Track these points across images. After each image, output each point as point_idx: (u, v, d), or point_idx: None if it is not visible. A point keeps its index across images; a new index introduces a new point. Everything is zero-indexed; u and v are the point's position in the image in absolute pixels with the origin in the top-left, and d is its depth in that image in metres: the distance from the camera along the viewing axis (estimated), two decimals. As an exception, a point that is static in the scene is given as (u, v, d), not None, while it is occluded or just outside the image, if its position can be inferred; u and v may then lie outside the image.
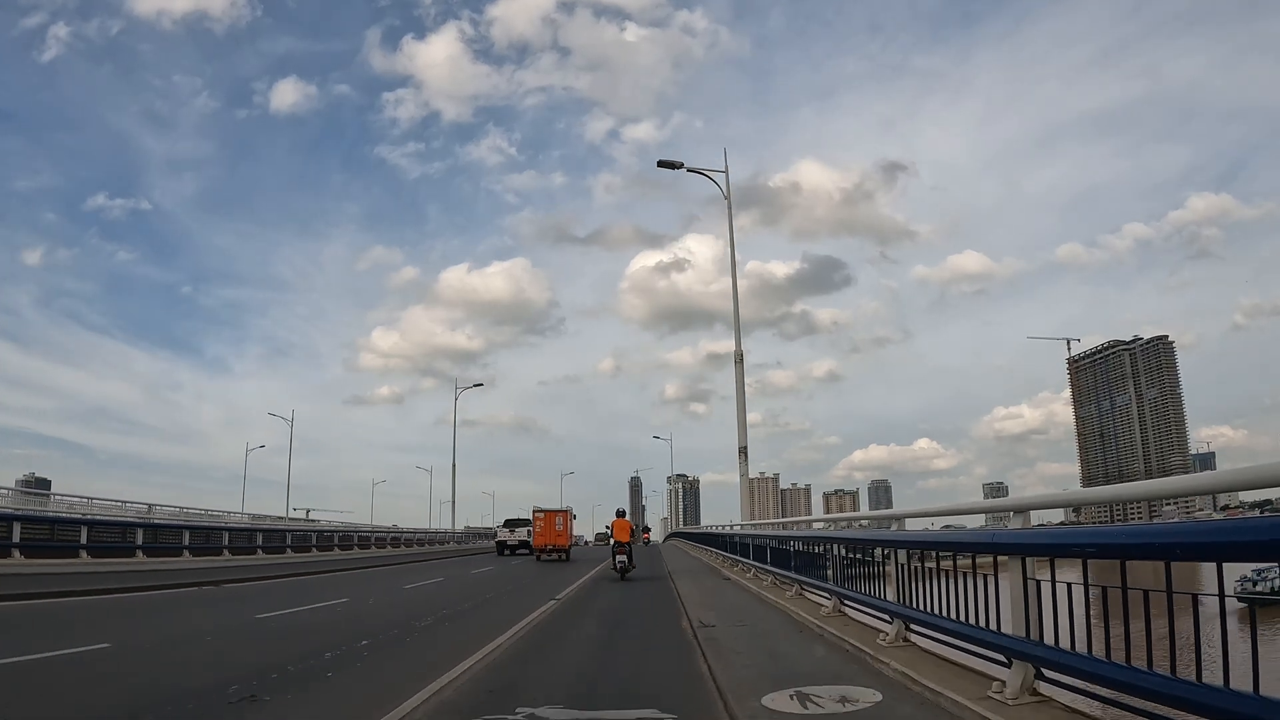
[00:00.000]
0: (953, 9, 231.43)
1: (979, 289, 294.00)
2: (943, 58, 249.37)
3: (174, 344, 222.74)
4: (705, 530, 36.07)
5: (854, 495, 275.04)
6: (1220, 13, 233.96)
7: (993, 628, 4.67)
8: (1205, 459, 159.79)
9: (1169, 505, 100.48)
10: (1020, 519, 4.47)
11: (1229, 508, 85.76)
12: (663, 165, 21.64)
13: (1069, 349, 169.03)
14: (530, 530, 32.08)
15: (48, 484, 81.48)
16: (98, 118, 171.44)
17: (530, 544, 31.78)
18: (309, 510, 54.11)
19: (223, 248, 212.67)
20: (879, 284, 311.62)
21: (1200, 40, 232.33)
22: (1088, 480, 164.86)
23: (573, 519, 32.77)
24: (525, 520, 33.97)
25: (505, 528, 36.56)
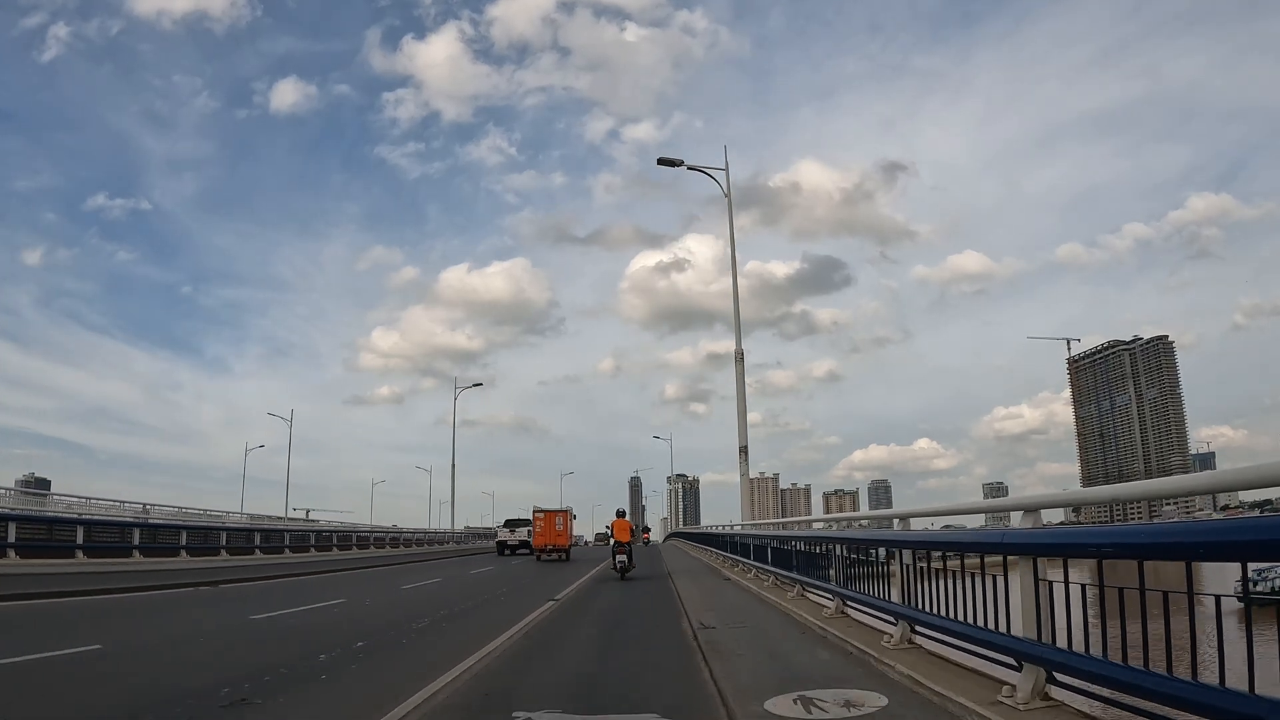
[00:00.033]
0: (953, 9, 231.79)
1: (979, 289, 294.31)
2: (943, 58, 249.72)
3: (174, 344, 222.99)
4: (705, 530, 35.97)
5: (854, 495, 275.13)
6: (1220, 13, 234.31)
7: (1002, 630, 4.55)
8: (1205, 459, 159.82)
9: (1169, 505, 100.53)
10: (1030, 518, 4.34)
11: (1229, 508, 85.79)
12: (663, 163, 21.57)
13: (1069, 349, 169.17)
14: (530, 530, 32.13)
15: (47, 484, 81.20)
16: (98, 118, 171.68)
17: (530, 544, 31.82)
18: (309, 510, 54.10)
19: (223, 248, 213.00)
20: (879, 284, 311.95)
21: (1200, 40, 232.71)
22: (1088, 480, 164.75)
23: (573, 519, 32.85)
24: (526, 520, 34.05)
25: (506, 528, 36.66)
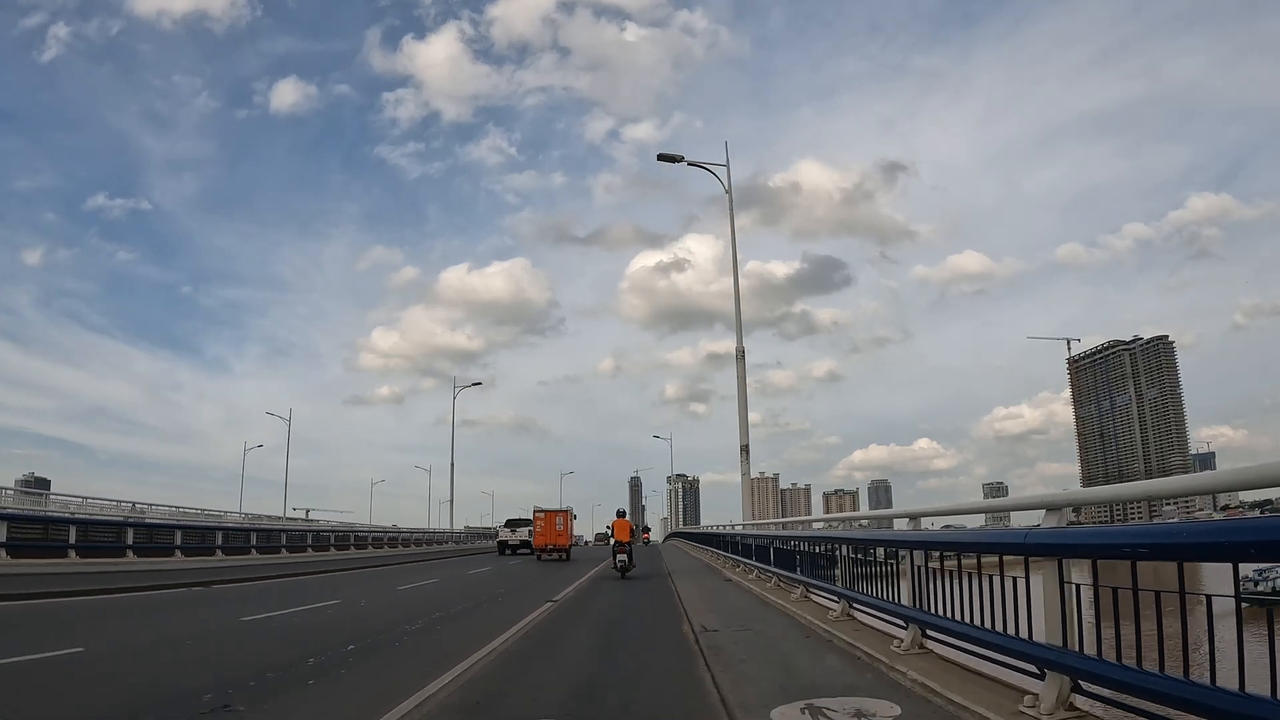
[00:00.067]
0: (953, 9, 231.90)
1: (979, 289, 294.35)
2: (943, 58, 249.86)
3: (174, 344, 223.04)
4: (705, 530, 35.77)
5: (854, 495, 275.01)
6: (1220, 13, 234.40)
7: (1023, 635, 4.30)
8: (1205, 459, 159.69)
9: (1169, 505, 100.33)
10: (1055, 517, 4.09)
11: (1229, 508, 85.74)
12: (663, 159, 21.37)
13: (1069, 349, 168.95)
14: (531, 530, 32.18)
15: (47, 484, 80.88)
16: (98, 118, 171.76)
17: (531, 544, 31.85)
18: (309, 510, 53.96)
19: (223, 248, 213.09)
20: (879, 284, 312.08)
21: (1200, 40, 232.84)
22: (1088, 480, 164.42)
23: (573, 519, 32.93)
24: (526, 520, 34.17)
25: (507, 527, 36.84)
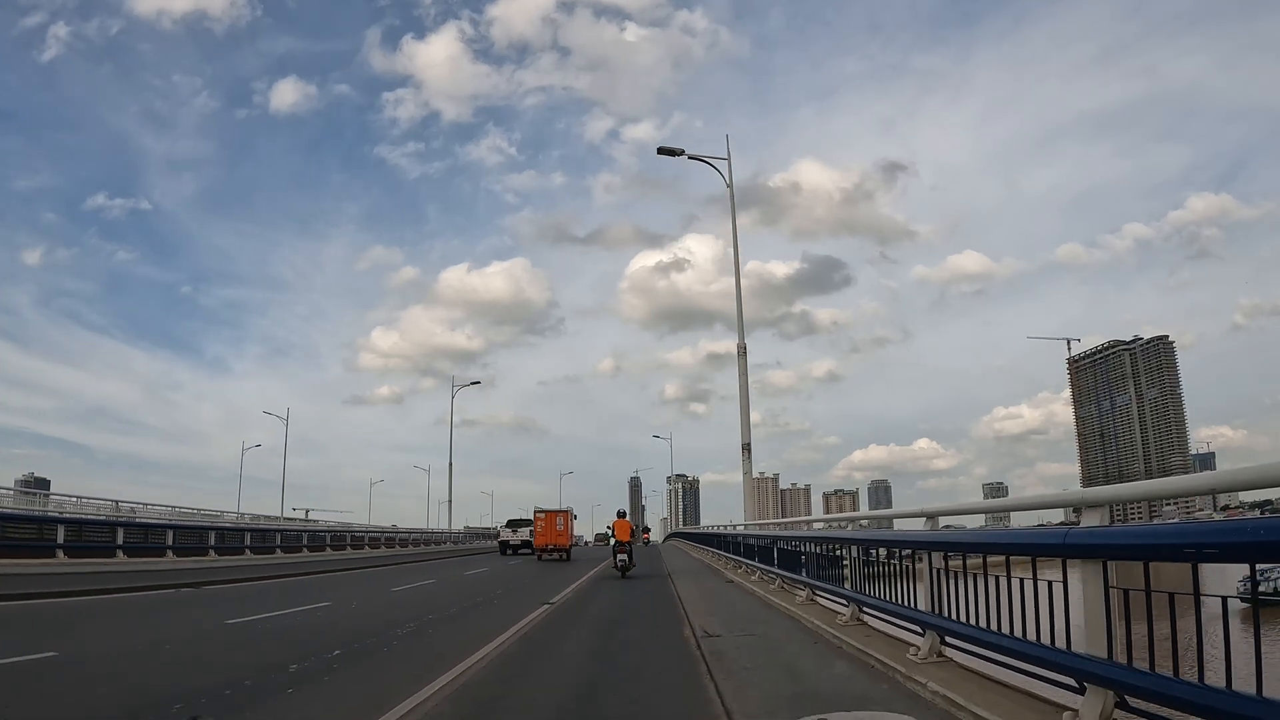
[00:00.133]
0: (953, 9, 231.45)
1: (979, 289, 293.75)
2: (942, 57, 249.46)
3: (174, 344, 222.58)
4: (706, 530, 35.50)
5: (854, 495, 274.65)
6: (1220, 13, 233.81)
7: (1057, 645, 3.93)
8: (1205, 459, 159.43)
9: (1169, 505, 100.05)
10: (1096, 514, 3.73)
11: (1229, 508, 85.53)
12: (663, 152, 21.02)
13: (1069, 349, 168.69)
14: (532, 530, 32.32)
15: (47, 484, 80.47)
16: (97, 118, 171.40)
17: (532, 544, 31.96)
18: (308, 510, 53.62)
19: (222, 248, 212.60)
20: (879, 284, 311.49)
21: (1200, 40, 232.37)
22: (1088, 480, 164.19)
23: (573, 519, 33.17)
24: (527, 520, 34.43)
25: (508, 528, 37.19)
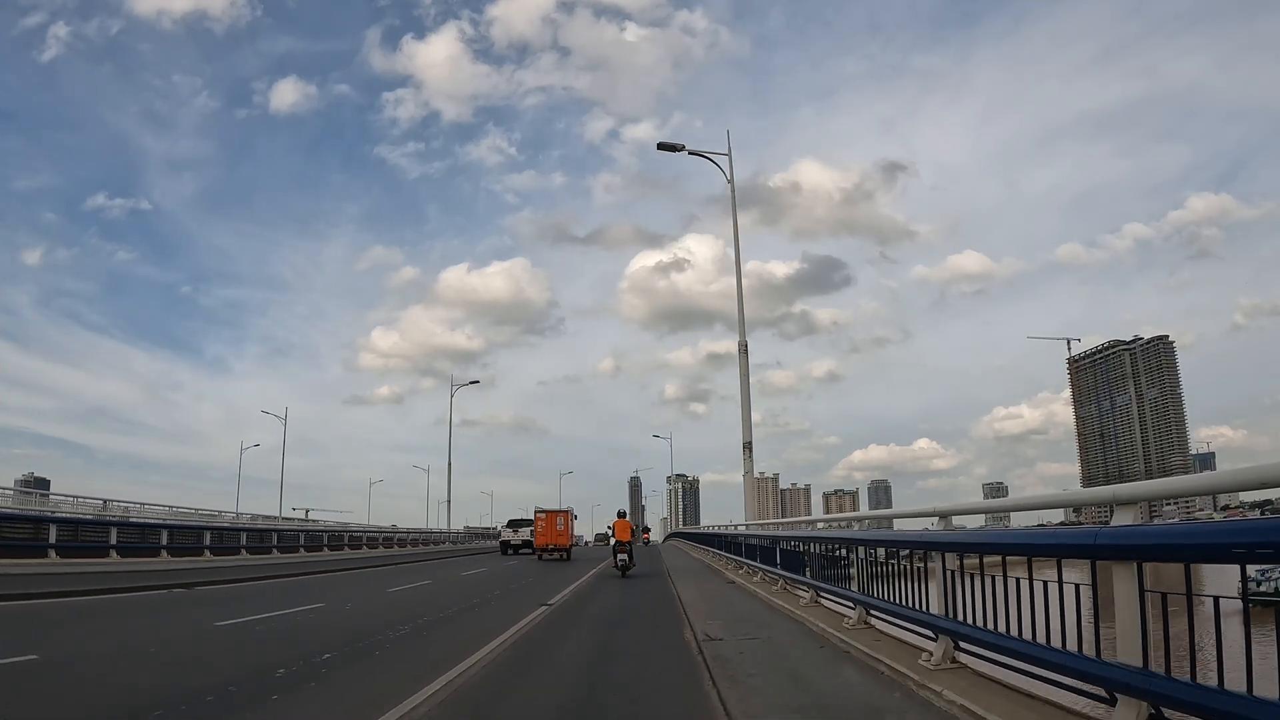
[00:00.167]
0: (953, 9, 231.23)
1: (979, 289, 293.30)
2: (942, 57, 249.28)
3: (174, 344, 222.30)
4: (706, 530, 35.32)
5: (854, 495, 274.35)
6: (1220, 13, 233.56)
7: (1087, 652, 3.69)
8: (1205, 459, 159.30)
9: (1169, 505, 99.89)
10: (1130, 513, 3.49)
11: (1229, 508, 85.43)
12: (663, 148, 20.83)
13: (1069, 349, 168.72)
14: (533, 530, 32.40)
15: (47, 484, 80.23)
16: (97, 118, 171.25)
17: (533, 544, 32.03)
18: (308, 510, 53.41)
19: (222, 248, 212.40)
20: (879, 284, 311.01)
21: (1200, 40, 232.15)
22: (1088, 480, 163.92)
23: (574, 519, 33.36)
24: (528, 520, 34.60)
25: (509, 528, 37.39)
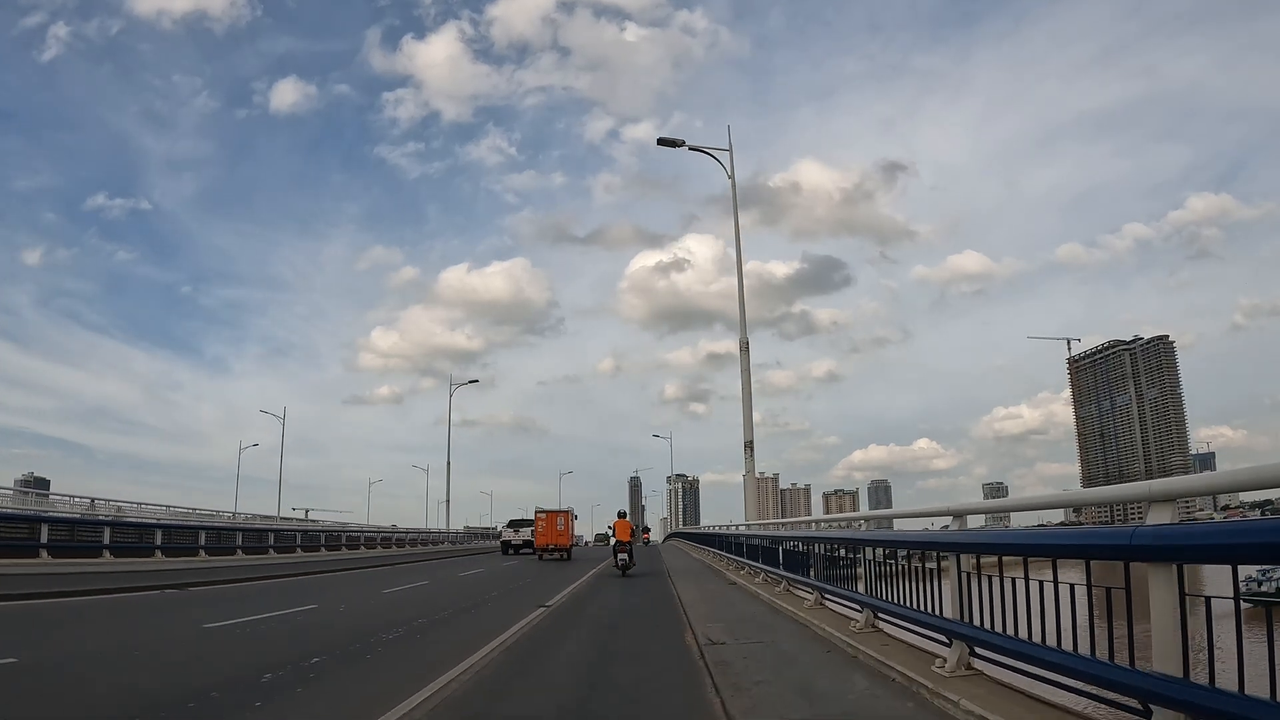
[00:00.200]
0: (953, 9, 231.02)
1: (979, 289, 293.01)
2: (942, 57, 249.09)
3: (173, 344, 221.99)
4: (706, 530, 35.15)
5: (854, 495, 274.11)
6: (1220, 13, 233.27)
7: (1118, 661, 3.44)
8: (1205, 459, 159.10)
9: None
10: (1166, 510, 3.25)
11: (1229, 508, 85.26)
12: (663, 143, 20.64)
13: (1069, 349, 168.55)
14: (533, 530, 32.45)
15: (47, 484, 79.85)
16: (97, 118, 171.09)
17: (533, 544, 32.09)
18: (308, 510, 53.24)
19: (222, 247, 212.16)
20: (879, 284, 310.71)
21: (1200, 40, 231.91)
22: (1088, 481, 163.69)
23: (574, 519, 33.55)
24: (529, 521, 34.73)
25: (510, 528, 37.56)
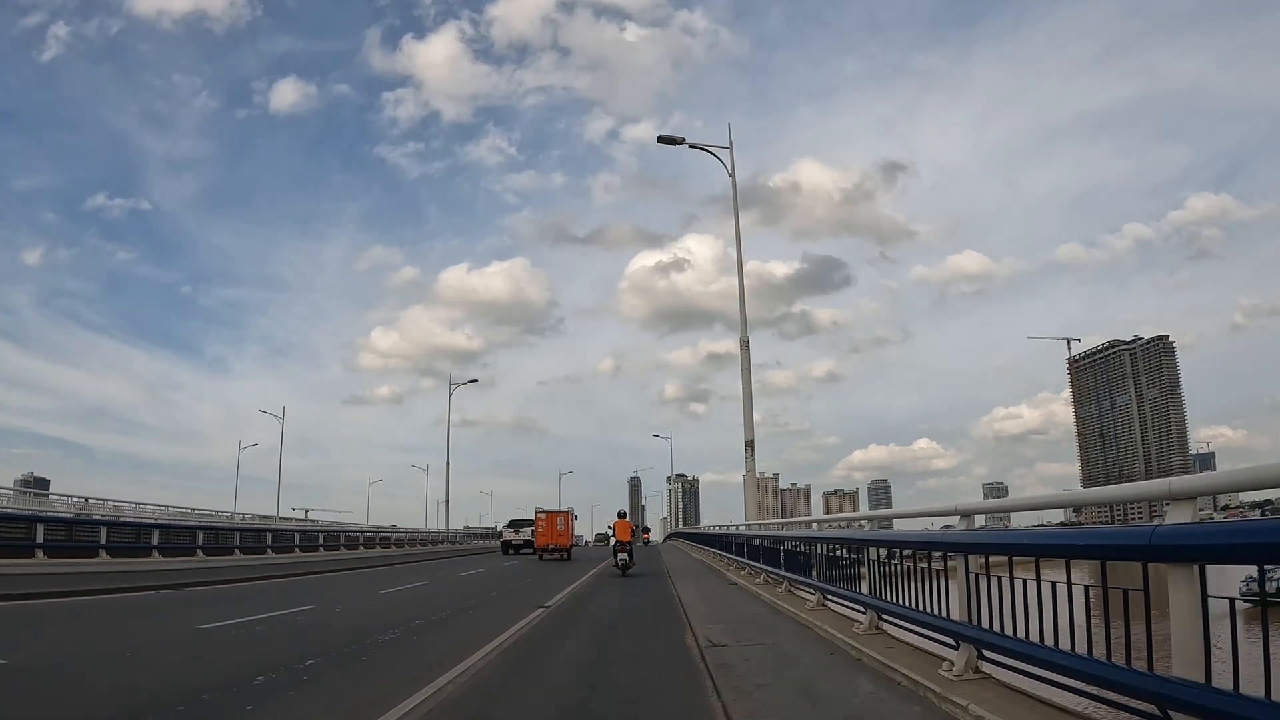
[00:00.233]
0: (952, 9, 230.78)
1: (979, 289, 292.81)
2: (942, 57, 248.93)
3: (173, 344, 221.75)
4: (706, 530, 35.06)
5: (854, 495, 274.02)
6: (1220, 13, 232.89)
7: (1136, 666, 3.32)
8: (1205, 459, 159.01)
9: (1167, 505, 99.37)
10: (1186, 509, 3.13)
11: (1229, 508, 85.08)
12: (663, 140, 20.51)
13: (1069, 349, 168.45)
14: (534, 530, 32.48)
15: (47, 484, 79.73)
16: (97, 118, 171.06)
17: (534, 543, 32.15)
18: (308, 510, 53.09)
19: (222, 247, 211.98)
20: (879, 284, 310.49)
21: (1200, 40, 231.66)
22: (1088, 481, 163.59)
23: (574, 520, 33.68)
24: (529, 521, 34.80)
25: (510, 528, 37.63)
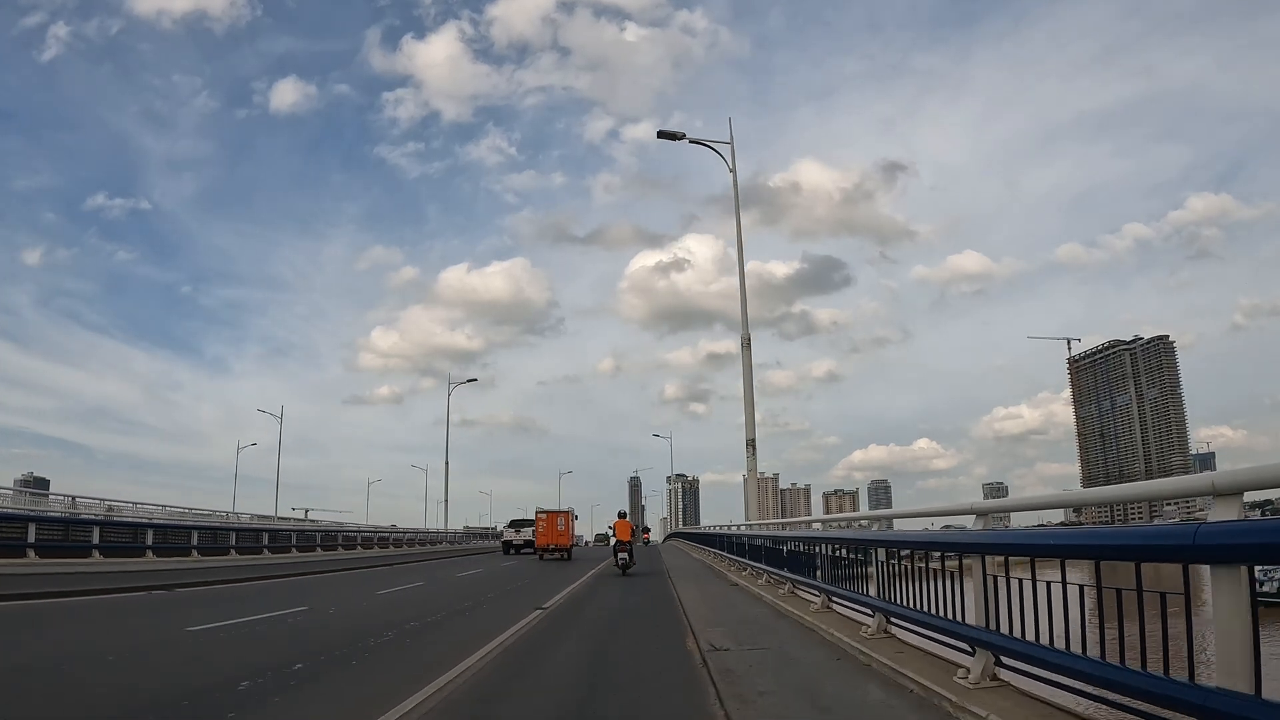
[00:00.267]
0: (952, 9, 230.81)
1: (979, 289, 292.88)
2: (942, 57, 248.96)
3: (173, 344, 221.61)
4: (706, 530, 34.88)
5: (854, 495, 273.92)
6: (1220, 12, 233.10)
7: (1173, 675, 3.10)
8: (1205, 459, 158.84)
9: (1169, 505, 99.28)
10: (1230, 505, 2.91)
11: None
12: (663, 136, 20.26)
13: (1069, 349, 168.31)
14: (534, 530, 32.57)
15: (46, 484, 79.54)
16: (97, 118, 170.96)
17: (534, 543, 32.24)
18: (308, 510, 52.86)
19: (222, 247, 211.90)
20: (879, 284, 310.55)
21: (1200, 40, 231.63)
22: (1088, 480, 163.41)
23: (574, 520, 33.69)
24: (530, 521, 34.95)
25: (511, 528, 37.82)
